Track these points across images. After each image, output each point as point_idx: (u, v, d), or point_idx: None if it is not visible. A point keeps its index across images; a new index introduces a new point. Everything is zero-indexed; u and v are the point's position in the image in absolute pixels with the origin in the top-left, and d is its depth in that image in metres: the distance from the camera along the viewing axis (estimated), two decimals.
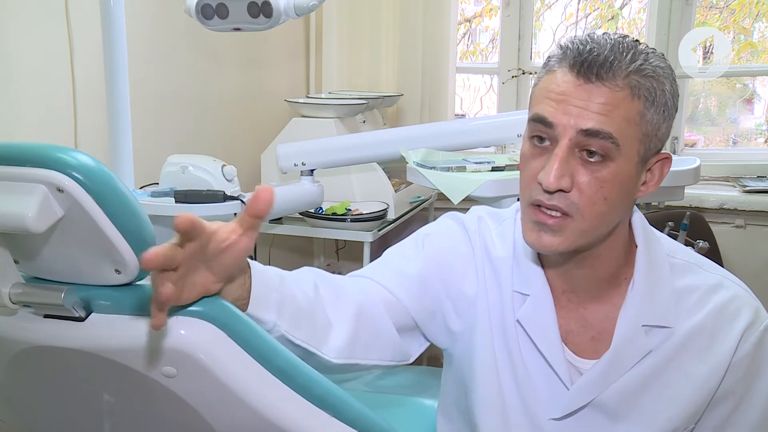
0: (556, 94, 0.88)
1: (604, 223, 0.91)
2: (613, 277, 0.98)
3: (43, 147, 0.79)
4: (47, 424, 0.95)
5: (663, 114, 0.89)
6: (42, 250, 0.82)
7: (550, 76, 0.91)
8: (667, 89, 0.89)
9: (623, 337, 0.96)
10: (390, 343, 1.01)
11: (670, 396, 0.96)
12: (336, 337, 0.94)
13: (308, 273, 0.99)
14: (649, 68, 0.88)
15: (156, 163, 1.79)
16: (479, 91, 3.56)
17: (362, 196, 2.39)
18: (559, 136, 0.88)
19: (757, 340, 0.95)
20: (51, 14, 1.72)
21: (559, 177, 0.87)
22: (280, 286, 0.87)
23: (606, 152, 0.87)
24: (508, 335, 1.01)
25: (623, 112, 0.86)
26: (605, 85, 0.86)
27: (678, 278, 0.98)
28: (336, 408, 0.87)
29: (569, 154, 0.87)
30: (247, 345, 0.81)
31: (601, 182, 0.88)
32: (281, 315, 0.86)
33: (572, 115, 0.87)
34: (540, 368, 1.00)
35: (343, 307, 0.96)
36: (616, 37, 0.89)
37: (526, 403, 1.00)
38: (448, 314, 1.05)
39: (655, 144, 0.90)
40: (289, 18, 1.64)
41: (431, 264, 1.05)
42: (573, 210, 0.89)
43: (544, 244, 0.91)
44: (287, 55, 2.92)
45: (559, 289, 1.00)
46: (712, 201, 2.75)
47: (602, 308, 0.99)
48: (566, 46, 0.90)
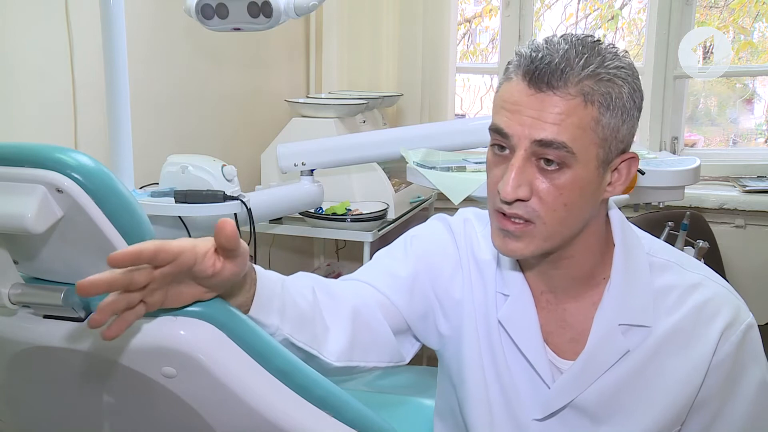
0: (510, 104, 0.88)
1: (567, 227, 0.91)
2: (590, 277, 0.98)
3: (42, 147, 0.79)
4: (47, 424, 0.95)
5: (621, 117, 0.88)
6: (41, 250, 0.82)
7: (507, 84, 0.90)
8: (624, 91, 0.87)
9: (599, 337, 0.96)
10: (387, 344, 1.02)
11: (651, 397, 0.96)
12: (335, 341, 0.94)
13: (305, 278, 0.99)
14: (603, 72, 0.86)
15: (156, 163, 1.79)
16: (479, 91, 3.56)
17: (362, 196, 2.39)
18: (515, 146, 0.88)
19: (738, 340, 0.94)
20: (51, 14, 1.72)
21: (515, 187, 0.87)
22: (282, 290, 0.88)
23: (562, 160, 0.86)
24: (492, 336, 1.02)
25: (576, 120, 0.85)
26: (556, 94, 0.85)
27: (657, 277, 0.97)
28: (336, 408, 0.87)
29: (526, 164, 0.88)
30: (247, 345, 0.81)
31: (560, 189, 0.88)
32: (284, 319, 0.87)
33: (526, 125, 0.86)
34: (522, 369, 1.00)
35: (340, 311, 0.97)
36: (573, 40, 0.87)
37: (510, 404, 1.00)
38: (437, 316, 1.06)
39: (615, 146, 0.89)
40: (289, 18, 1.64)
41: (420, 266, 1.05)
42: (534, 217, 0.89)
43: (510, 249, 0.92)
44: (287, 55, 2.92)
45: (538, 290, 1.01)
46: (712, 201, 2.75)
47: (581, 308, 0.99)
48: (521, 52, 0.89)
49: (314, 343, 0.91)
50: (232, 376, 0.79)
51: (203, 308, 0.79)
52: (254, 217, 1.72)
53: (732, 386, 0.96)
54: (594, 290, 0.98)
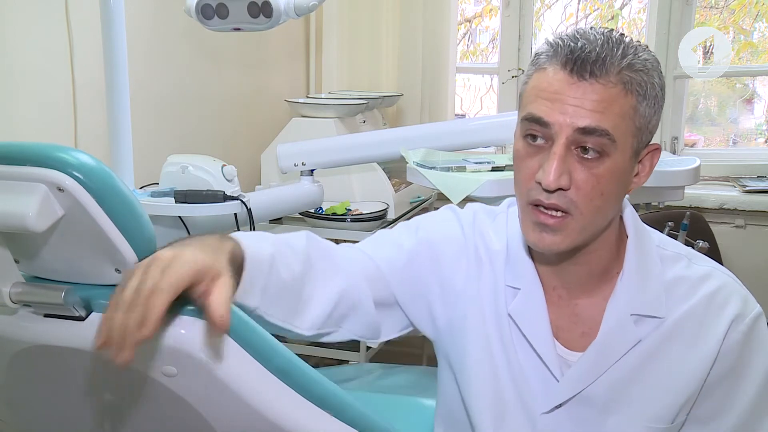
0: (549, 92, 0.88)
1: (601, 217, 0.92)
2: (605, 272, 0.99)
3: (43, 146, 0.79)
4: (47, 424, 0.95)
5: (654, 106, 0.90)
6: (42, 249, 0.82)
7: (540, 74, 0.90)
8: (656, 82, 0.90)
9: (610, 327, 0.96)
10: (364, 318, 1.01)
11: (659, 385, 0.96)
12: (313, 310, 0.94)
13: (303, 241, 0.98)
14: (639, 62, 0.88)
15: (156, 163, 1.79)
16: (479, 91, 3.56)
17: (362, 196, 2.38)
18: (555, 135, 0.88)
19: (747, 329, 0.95)
20: (51, 14, 1.72)
21: (558, 176, 0.87)
22: (269, 269, 0.87)
23: (602, 148, 0.87)
24: (503, 329, 1.02)
25: (618, 108, 0.87)
26: (599, 82, 0.86)
27: (668, 269, 0.98)
28: (336, 408, 0.87)
29: (566, 152, 0.88)
30: (247, 344, 0.81)
31: (598, 178, 0.88)
32: (264, 298, 0.87)
33: (568, 113, 0.87)
34: (532, 362, 1.00)
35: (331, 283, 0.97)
36: (606, 32, 0.89)
37: (522, 397, 1.00)
38: (433, 300, 1.05)
39: (646, 136, 0.92)
40: (289, 18, 1.64)
41: (423, 247, 1.05)
42: (572, 207, 0.89)
43: (547, 244, 0.92)
44: (287, 55, 2.92)
45: (549, 285, 1.01)
46: (712, 201, 2.75)
47: (593, 303, 0.99)
48: (556, 42, 0.90)
49: (288, 317, 0.91)
50: (233, 375, 0.79)
51: None
52: (254, 217, 1.72)
53: (739, 375, 0.96)
54: (607, 284, 0.99)
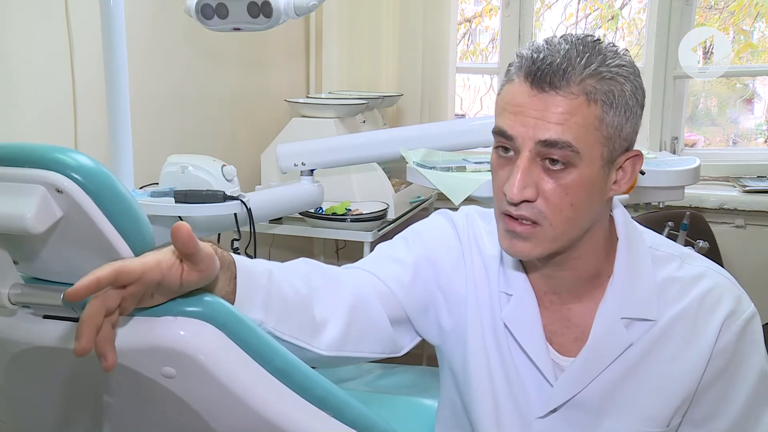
0: (513, 105, 0.89)
1: (574, 227, 0.92)
2: (595, 277, 0.98)
3: (42, 147, 0.79)
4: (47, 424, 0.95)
5: (624, 114, 0.88)
6: (41, 250, 0.82)
7: (509, 86, 0.91)
8: (627, 89, 0.88)
9: (601, 331, 0.96)
10: (382, 335, 1.01)
11: (653, 388, 0.96)
12: (329, 331, 0.94)
13: (302, 265, 0.98)
14: (605, 71, 0.87)
15: (156, 163, 1.79)
16: (479, 91, 3.56)
17: (362, 196, 2.38)
18: (519, 147, 0.88)
19: (740, 329, 0.95)
20: (51, 14, 1.72)
21: (522, 189, 0.87)
22: (268, 282, 0.87)
23: (567, 160, 0.87)
24: (498, 334, 1.02)
25: (580, 119, 0.86)
26: (559, 94, 0.86)
27: (660, 270, 0.98)
28: (336, 408, 0.87)
29: (531, 164, 0.88)
30: (246, 345, 0.81)
31: (565, 189, 0.88)
32: (268, 312, 0.86)
33: (530, 126, 0.87)
34: (527, 367, 1.00)
35: (339, 300, 0.96)
36: (574, 40, 0.88)
37: (517, 402, 1.00)
38: (440, 309, 1.06)
39: (620, 144, 0.90)
40: (289, 18, 1.64)
41: (423, 259, 1.05)
42: (541, 218, 0.89)
43: (518, 250, 0.92)
44: (287, 55, 2.92)
45: (541, 290, 1.01)
46: (712, 201, 2.75)
47: (585, 307, 0.99)
48: (521, 54, 0.90)
49: (302, 335, 0.90)
50: (232, 377, 0.79)
51: (203, 308, 0.79)
52: (254, 217, 1.72)
53: (733, 375, 0.96)
54: (598, 289, 0.98)
